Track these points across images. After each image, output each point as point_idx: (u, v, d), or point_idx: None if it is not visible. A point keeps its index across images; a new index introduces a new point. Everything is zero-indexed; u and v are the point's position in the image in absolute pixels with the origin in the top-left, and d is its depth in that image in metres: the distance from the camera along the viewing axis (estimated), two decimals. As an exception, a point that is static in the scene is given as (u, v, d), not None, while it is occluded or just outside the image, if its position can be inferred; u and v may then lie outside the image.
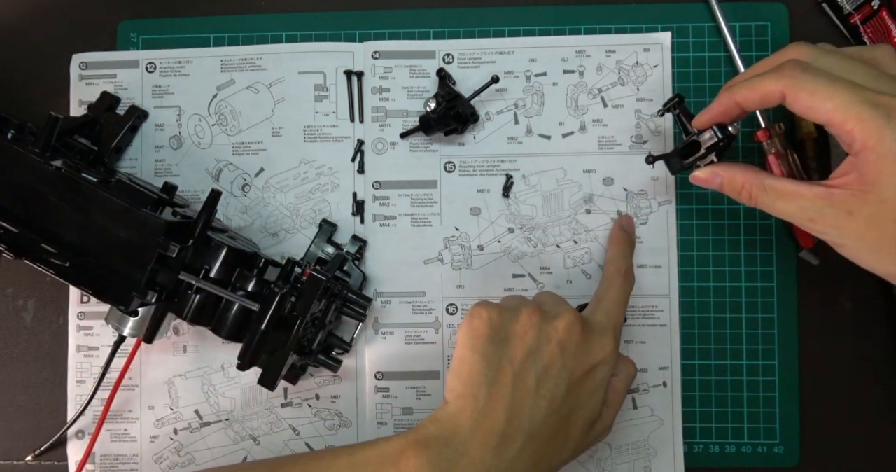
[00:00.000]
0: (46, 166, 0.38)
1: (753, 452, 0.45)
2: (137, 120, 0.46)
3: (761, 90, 0.33)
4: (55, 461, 0.46)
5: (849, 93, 0.30)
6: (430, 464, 0.33)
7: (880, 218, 0.30)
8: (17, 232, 0.38)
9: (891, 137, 0.29)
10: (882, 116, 0.29)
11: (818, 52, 0.33)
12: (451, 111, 0.43)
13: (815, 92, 0.31)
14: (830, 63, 0.32)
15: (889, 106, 0.29)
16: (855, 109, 0.30)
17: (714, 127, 0.37)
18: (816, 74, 0.31)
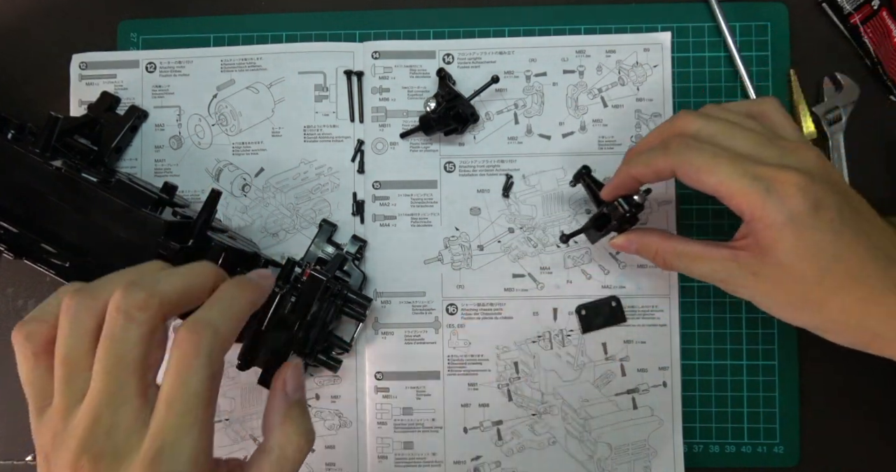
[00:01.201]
0: (46, 166, 0.38)
1: (753, 452, 0.45)
2: (137, 120, 0.46)
3: (653, 167, 0.34)
4: (55, 461, 0.46)
5: (730, 167, 0.31)
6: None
7: (783, 279, 0.31)
8: (18, 232, 0.38)
9: (773, 209, 0.30)
10: (762, 189, 0.30)
11: (703, 121, 0.34)
12: (451, 111, 0.43)
13: (699, 168, 0.32)
14: (716, 130, 0.33)
15: (768, 178, 0.30)
16: (737, 183, 0.31)
17: (620, 200, 0.38)
18: (700, 150, 0.32)
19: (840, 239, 0.30)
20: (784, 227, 0.30)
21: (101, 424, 0.25)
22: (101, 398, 0.25)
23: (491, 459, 0.44)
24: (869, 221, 0.32)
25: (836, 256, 0.30)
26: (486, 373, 0.45)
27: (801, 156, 0.32)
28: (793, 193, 0.30)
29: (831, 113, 0.45)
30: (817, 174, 0.31)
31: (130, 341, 0.25)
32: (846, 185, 0.33)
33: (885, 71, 0.44)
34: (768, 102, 0.36)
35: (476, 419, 0.45)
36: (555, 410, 0.44)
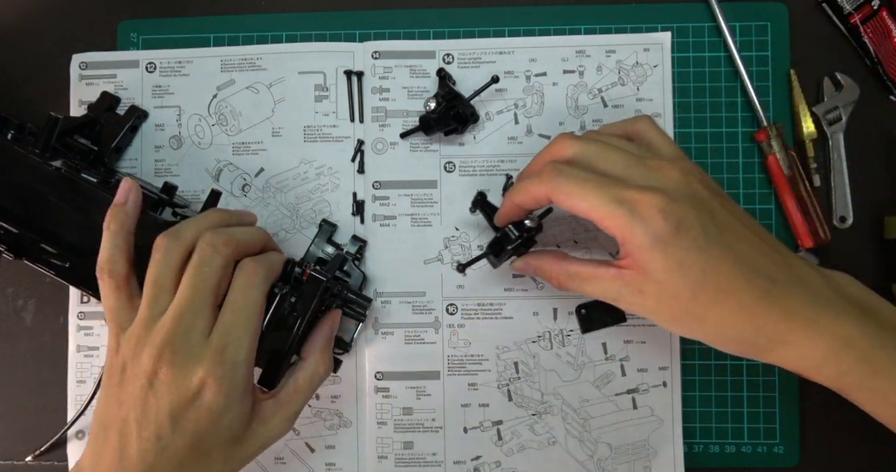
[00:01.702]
0: (46, 167, 0.38)
1: (753, 452, 0.45)
2: (137, 120, 0.46)
3: (531, 194, 0.35)
4: (55, 461, 0.46)
5: (597, 192, 0.32)
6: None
7: (663, 296, 0.32)
8: (18, 232, 0.38)
9: (639, 231, 0.31)
10: (627, 212, 0.31)
11: (579, 145, 0.35)
12: (451, 111, 0.43)
13: (570, 194, 0.33)
14: (590, 153, 0.34)
15: (632, 200, 0.31)
16: (605, 207, 0.32)
17: (510, 226, 0.38)
18: (569, 177, 0.33)
19: (706, 256, 0.31)
20: (652, 248, 0.31)
21: (182, 325, 0.32)
22: (185, 306, 0.33)
23: (491, 459, 0.44)
24: (735, 234, 0.32)
25: (705, 272, 0.31)
26: (486, 373, 0.45)
27: (665, 175, 0.33)
28: (654, 215, 0.31)
29: (831, 113, 0.45)
30: (681, 193, 0.32)
31: (214, 265, 0.34)
32: (714, 199, 0.33)
33: (885, 71, 0.44)
34: (641, 121, 0.37)
35: (476, 419, 0.45)
36: (555, 410, 0.44)
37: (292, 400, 0.36)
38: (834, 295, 0.32)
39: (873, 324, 0.31)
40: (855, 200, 0.45)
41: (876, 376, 0.30)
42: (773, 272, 0.32)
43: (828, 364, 0.31)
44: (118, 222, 0.36)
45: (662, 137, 0.36)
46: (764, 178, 0.45)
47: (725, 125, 0.45)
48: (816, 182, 0.45)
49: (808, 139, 0.44)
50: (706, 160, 0.45)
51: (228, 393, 0.32)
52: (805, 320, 0.31)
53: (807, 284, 0.32)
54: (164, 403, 0.32)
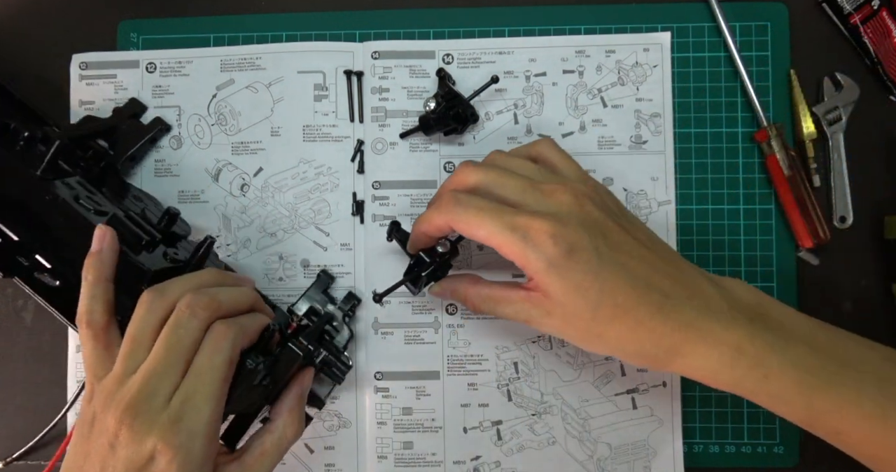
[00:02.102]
0: (46, 194, 0.37)
1: (753, 452, 0.45)
2: (159, 133, 0.46)
3: (433, 224, 0.36)
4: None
5: (492, 220, 0.33)
6: None
7: (568, 316, 0.33)
8: (18, 240, 0.38)
9: (534, 257, 0.32)
10: (520, 239, 0.32)
11: (479, 173, 0.35)
12: (450, 111, 0.43)
13: (468, 223, 0.34)
14: (489, 180, 0.35)
15: (524, 227, 0.32)
16: (500, 235, 0.32)
17: (421, 253, 0.39)
18: (466, 206, 0.34)
19: (600, 277, 0.32)
20: (547, 272, 0.32)
21: (148, 387, 0.31)
22: (153, 368, 0.32)
23: (491, 459, 0.44)
24: (628, 252, 0.33)
25: (600, 292, 0.32)
26: (486, 373, 0.45)
27: (558, 199, 0.33)
28: (545, 241, 0.32)
29: (831, 113, 0.45)
30: (573, 216, 0.33)
31: (191, 328, 0.33)
32: (609, 217, 0.34)
33: (885, 71, 0.44)
34: (542, 143, 0.38)
35: (476, 419, 0.44)
36: (554, 410, 0.44)
37: (258, 463, 0.35)
38: (725, 305, 0.33)
39: (762, 329, 0.32)
40: (855, 200, 0.45)
41: (767, 379, 0.31)
42: (666, 287, 0.33)
43: (723, 372, 0.32)
44: (95, 272, 0.35)
45: (563, 158, 0.37)
46: (764, 178, 0.45)
47: (725, 125, 0.45)
48: (816, 182, 0.44)
49: (808, 139, 0.44)
50: (706, 160, 0.45)
51: (182, 464, 0.31)
52: (698, 332, 0.32)
53: (699, 296, 0.33)
54: (120, 466, 0.31)
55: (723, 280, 0.35)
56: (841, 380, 0.31)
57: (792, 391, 0.31)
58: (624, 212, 0.36)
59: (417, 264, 0.39)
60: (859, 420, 0.30)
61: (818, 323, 0.34)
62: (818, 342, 0.32)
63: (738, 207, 0.45)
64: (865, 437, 0.31)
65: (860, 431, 0.31)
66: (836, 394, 0.31)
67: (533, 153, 0.38)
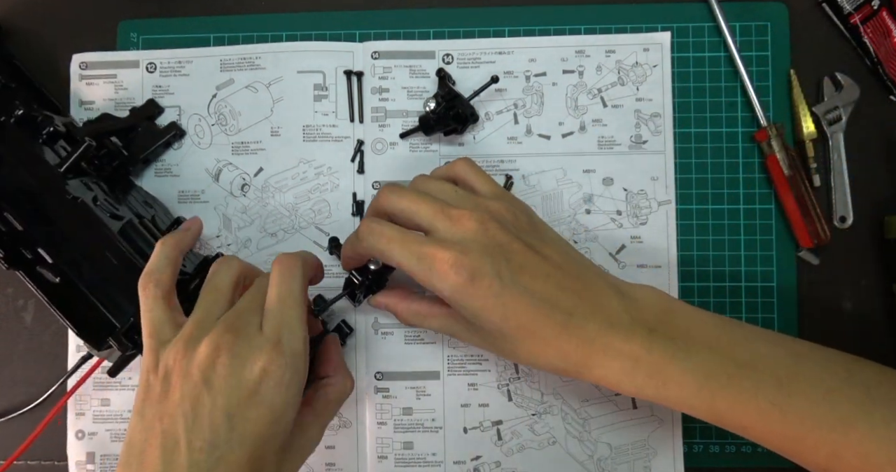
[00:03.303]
0: (65, 192, 0.37)
1: (753, 452, 0.45)
2: (173, 138, 0.46)
3: (356, 251, 0.38)
4: (55, 460, 0.46)
5: (400, 250, 0.34)
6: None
7: (482, 334, 0.36)
8: (22, 230, 0.38)
9: (439, 285, 0.34)
10: (426, 268, 0.34)
11: (395, 198, 0.37)
12: (450, 111, 0.43)
13: (381, 252, 0.35)
14: (402, 207, 0.36)
15: (429, 257, 0.33)
16: (409, 264, 0.34)
17: (353, 271, 0.40)
18: (378, 235, 0.35)
19: (503, 300, 0.33)
20: (452, 299, 0.34)
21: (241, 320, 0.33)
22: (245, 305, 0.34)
23: (491, 459, 0.44)
24: (531, 273, 0.34)
25: (504, 314, 0.33)
26: (486, 373, 0.45)
27: (464, 226, 0.34)
28: (447, 270, 0.33)
29: (831, 113, 0.45)
30: (476, 243, 0.34)
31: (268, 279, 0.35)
32: (515, 240, 0.35)
33: (885, 71, 0.44)
34: (458, 164, 0.39)
35: (476, 419, 0.44)
36: (555, 410, 0.44)
37: (326, 411, 0.37)
38: (627, 317, 0.34)
39: (661, 339, 0.33)
40: (855, 200, 0.45)
41: (666, 387, 0.32)
42: (569, 305, 0.34)
43: (625, 382, 0.33)
44: (175, 239, 0.37)
45: (478, 176, 0.39)
46: (764, 178, 0.45)
47: (725, 125, 0.45)
48: (816, 182, 0.44)
49: (808, 139, 0.44)
50: (706, 160, 0.45)
51: (289, 386, 0.32)
52: (600, 346, 0.33)
53: (602, 311, 0.34)
54: (220, 400, 0.30)
55: (632, 289, 0.36)
56: (738, 381, 0.32)
57: (692, 396, 0.32)
58: (536, 227, 0.37)
59: (349, 282, 0.41)
60: (758, 417, 0.31)
61: (725, 323, 0.35)
62: (720, 345, 0.33)
63: (738, 207, 0.45)
64: (767, 431, 0.32)
65: (761, 426, 0.32)
66: (735, 394, 0.32)
67: (451, 174, 0.40)
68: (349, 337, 0.45)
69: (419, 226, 0.36)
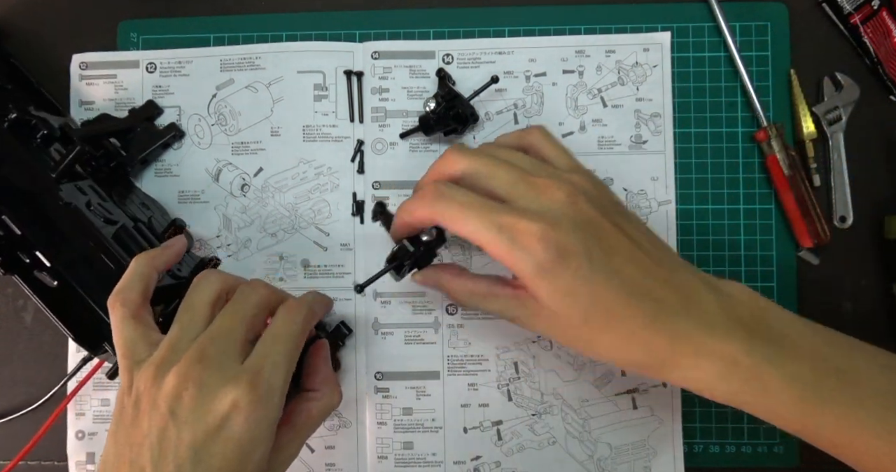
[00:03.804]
0: (58, 198, 0.37)
1: (753, 452, 0.45)
2: (172, 138, 0.46)
3: (415, 216, 0.34)
4: (55, 461, 0.46)
5: (477, 218, 0.31)
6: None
7: (556, 320, 0.32)
8: (21, 234, 0.38)
9: (521, 260, 0.30)
10: (508, 240, 0.30)
11: (467, 161, 0.33)
12: (450, 111, 0.43)
13: (452, 218, 0.32)
14: (477, 170, 0.33)
15: (512, 227, 0.30)
16: (486, 234, 0.31)
17: (405, 241, 0.37)
18: (450, 200, 0.32)
19: (592, 283, 0.30)
20: (535, 277, 0.30)
21: (216, 346, 0.31)
22: (219, 331, 0.32)
23: (491, 459, 0.44)
24: (623, 256, 0.31)
25: (593, 299, 0.30)
26: (486, 373, 0.45)
27: (551, 196, 0.31)
28: (534, 244, 0.30)
29: (831, 113, 0.45)
30: (565, 217, 0.31)
31: (252, 300, 0.34)
32: (605, 216, 0.32)
33: (885, 71, 0.44)
34: (534, 132, 0.36)
35: (476, 419, 0.44)
36: (555, 410, 0.44)
37: (306, 427, 0.35)
38: (723, 315, 0.31)
39: (761, 342, 0.30)
40: (855, 200, 0.45)
41: (765, 393, 0.30)
42: (661, 295, 0.31)
43: (718, 386, 0.31)
44: (149, 256, 0.36)
45: (555, 147, 0.35)
46: (764, 178, 0.45)
47: (725, 125, 0.45)
48: (816, 182, 0.44)
49: (808, 139, 0.44)
50: (706, 160, 0.45)
51: (259, 422, 0.30)
52: (693, 344, 0.30)
53: (696, 304, 0.31)
54: (186, 433, 0.29)
55: (723, 285, 0.33)
56: (839, 395, 0.30)
57: (789, 406, 0.30)
58: (620, 208, 0.34)
59: (401, 253, 0.37)
60: (858, 435, 0.29)
61: (820, 331, 0.33)
62: (819, 354, 0.31)
63: (738, 207, 0.45)
64: (865, 451, 0.30)
65: (859, 445, 0.30)
66: (834, 410, 0.29)
67: (524, 143, 0.36)
68: (348, 338, 0.45)
69: (493, 193, 0.32)
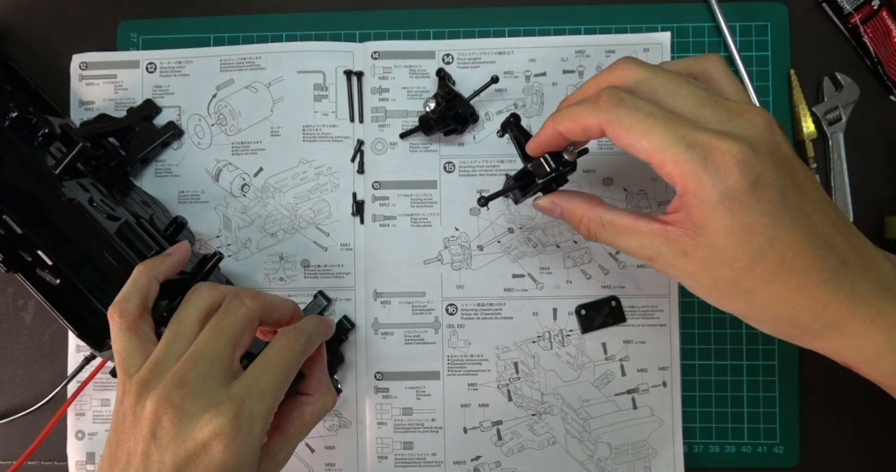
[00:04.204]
0: (61, 194, 0.37)
1: (753, 452, 0.45)
2: (171, 137, 0.46)
3: (581, 123, 0.30)
4: (55, 460, 0.46)
5: (664, 131, 0.28)
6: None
7: (713, 262, 0.28)
8: (21, 233, 0.38)
9: (709, 183, 0.27)
10: (699, 159, 0.27)
11: (646, 72, 0.30)
12: (450, 111, 0.43)
13: (631, 129, 0.28)
14: (658, 83, 0.30)
15: (706, 146, 0.27)
16: (671, 150, 0.27)
17: (546, 156, 0.33)
18: (632, 108, 0.28)
19: (778, 222, 0.27)
20: (718, 204, 0.27)
21: (198, 368, 0.30)
22: (203, 349, 0.31)
23: (491, 459, 0.44)
24: (813, 203, 0.28)
25: (771, 240, 0.27)
26: (486, 373, 0.45)
27: (749, 121, 0.28)
28: (731, 167, 0.27)
29: (831, 113, 0.45)
30: (763, 144, 0.28)
31: (239, 315, 0.32)
32: (795, 158, 0.29)
33: (885, 71, 0.44)
34: (711, 59, 0.32)
35: (476, 419, 0.44)
36: (555, 410, 0.44)
37: (299, 433, 0.35)
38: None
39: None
40: (855, 200, 0.45)
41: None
42: (845, 253, 0.28)
43: (884, 360, 0.28)
44: (147, 266, 0.35)
45: (733, 80, 0.31)
46: (764, 178, 0.45)
47: (725, 125, 0.45)
48: (816, 182, 0.44)
49: (808, 139, 0.44)
50: (706, 160, 0.45)
51: (240, 450, 0.29)
52: (870, 310, 0.27)
53: (876, 270, 0.28)
54: (167, 456, 0.28)
55: (894, 257, 0.30)
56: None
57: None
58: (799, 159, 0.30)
59: (536, 169, 0.34)
60: None
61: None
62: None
63: (738, 207, 0.45)
64: None
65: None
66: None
67: (696, 69, 0.32)
68: (350, 333, 0.45)
69: (677, 110, 0.29)
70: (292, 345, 0.33)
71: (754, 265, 0.28)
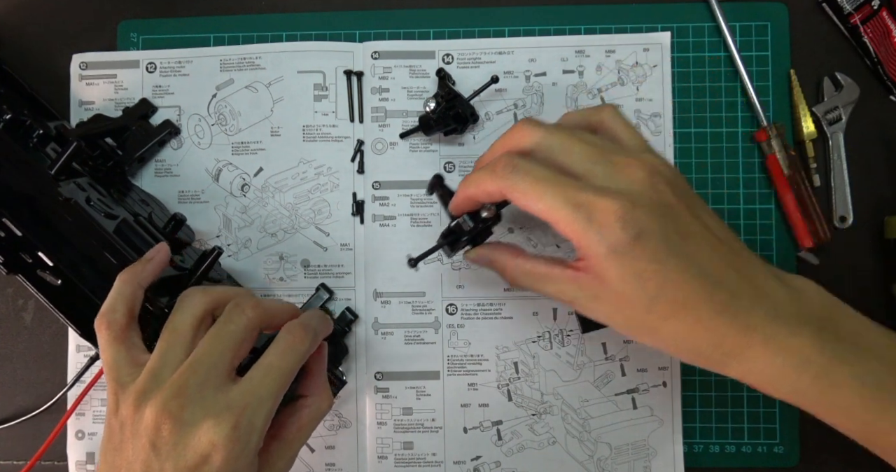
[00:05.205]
0: (58, 194, 0.37)
1: (753, 452, 0.45)
2: (168, 135, 0.46)
3: (482, 188, 0.33)
4: (55, 460, 0.46)
5: (553, 194, 0.30)
6: None
7: (619, 304, 0.31)
8: (21, 235, 0.38)
9: (596, 239, 0.29)
10: (584, 219, 0.29)
11: (542, 134, 0.32)
12: (450, 111, 0.43)
13: (526, 193, 0.31)
14: (552, 144, 0.32)
15: (589, 205, 0.29)
16: (561, 211, 0.30)
17: (465, 216, 0.36)
18: (524, 174, 0.31)
19: (665, 268, 0.29)
20: (608, 257, 0.29)
21: (197, 376, 0.30)
22: (202, 358, 0.30)
23: (491, 459, 0.44)
24: (698, 242, 0.30)
25: (662, 284, 0.29)
26: (486, 373, 0.45)
27: (630, 175, 0.31)
28: (612, 223, 0.29)
29: (831, 113, 0.45)
30: (644, 197, 0.30)
31: (240, 324, 0.32)
32: (682, 200, 0.31)
33: (885, 71, 0.44)
34: (606, 110, 0.35)
35: (476, 419, 0.45)
36: (555, 410, 0.44)
37: (297, 439, 0.34)
38: (795, 309, 0.30)
39: (832, 339, 0.30)
40: (855, 200, 0.45)
41: (835, 390, 0.29)
42: (734, 285, 0.30)
43: (784, 381, 0.30)
44: (130, 274, 0.34)
45: (627, 128, 0.34)
46: (764, 178, 0.45)
47: (725, 125, 0.45)
48: (816, 182, 0.45)
49: (808, 139, 0.44)
50: (706, 160, 0.45)
51: (238, 458, 0.29)
52: (763, 337, 0.29)
53: (768, 297, 0.30)
54: (168, 465, 0.29)
55: (792, 279, 0.32)
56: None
57: (856, 406, 0.29)
58: (693, 194, 0.33)
59: (458, 228, 0.36)
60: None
61: (889, 334, 0.31)
62: (889, 356, 0.30)
63: (738, 207, 0.45)
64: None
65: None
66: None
67: (593, 120, 0.34)
68: (354, 324, 0.45)
69: (568, 169, 0.31)
70: (297, 345, 0.33)
71: (652, 307, 0.30)
